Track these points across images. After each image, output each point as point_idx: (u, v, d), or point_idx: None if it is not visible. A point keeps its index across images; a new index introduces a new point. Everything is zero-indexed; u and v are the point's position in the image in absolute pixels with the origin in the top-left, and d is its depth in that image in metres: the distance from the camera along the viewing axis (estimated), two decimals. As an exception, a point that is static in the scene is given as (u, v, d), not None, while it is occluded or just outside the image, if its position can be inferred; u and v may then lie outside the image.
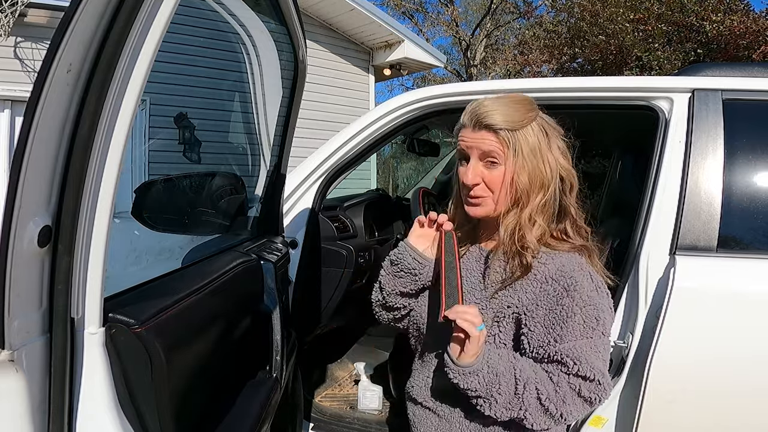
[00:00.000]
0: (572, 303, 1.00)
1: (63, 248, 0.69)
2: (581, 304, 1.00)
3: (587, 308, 1.00)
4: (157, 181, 1.39)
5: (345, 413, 2.08)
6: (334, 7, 6.91)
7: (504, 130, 1.02)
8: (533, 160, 1.03)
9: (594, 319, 1.01)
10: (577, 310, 1.00)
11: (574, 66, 10.65)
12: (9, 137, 5.09)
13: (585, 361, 0.99)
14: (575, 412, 1.02)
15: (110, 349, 0.77)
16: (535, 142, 1.03)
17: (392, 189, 10.19)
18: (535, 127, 1.04)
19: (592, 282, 1.03)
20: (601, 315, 1.02)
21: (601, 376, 1.00)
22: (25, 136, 0.62)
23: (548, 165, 1.04)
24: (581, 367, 0.99)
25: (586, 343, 1.00)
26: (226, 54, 1.92)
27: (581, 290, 1.01)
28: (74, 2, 0.62)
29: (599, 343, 1.02)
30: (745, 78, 1.60)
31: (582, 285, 1.01)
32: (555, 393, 1.00)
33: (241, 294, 1.24)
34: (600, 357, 1.01)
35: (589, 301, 1.01)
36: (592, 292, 1.02)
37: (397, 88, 18.22)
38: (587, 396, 1.00)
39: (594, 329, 1.01)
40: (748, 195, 1.51)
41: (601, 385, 1.00)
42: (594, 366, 0.99)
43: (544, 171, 1.04)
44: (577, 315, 1.00)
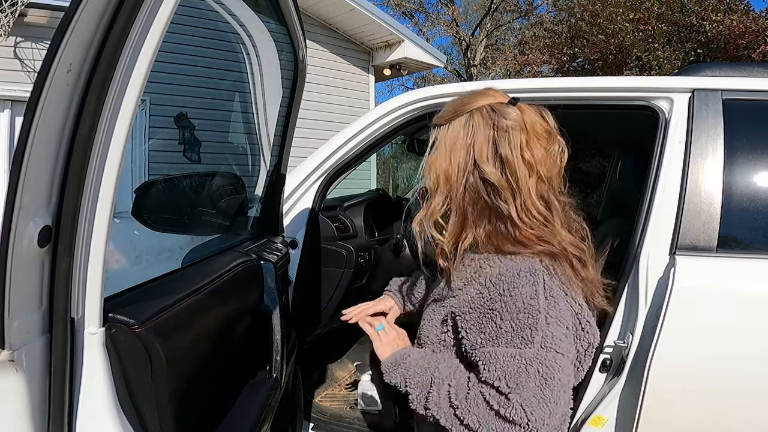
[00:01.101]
0: (503, 308, 0.92)
1: (63, 248, 0.69)
2: (513, 310, 0.91)
3: (520, 315, 0.90)
4: (157, 181, 1.40)
5: (345, 413, 2.08)
6: (334, 7, 6.91)
7: (436, 126, 1.02)
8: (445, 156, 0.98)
9: (528, 329, 0.90)
10: (506, 316, 0.91)
11: (574, 66, 10.65)
12: (9, 137, 5.09)
13: (496, 369, 0.90)
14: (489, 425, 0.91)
15: (110, 349, 0.77)
16: (451, 138, 0.99)
17: (392, 189, 10.19)
18: (461, 121, 0.99)
19: (535, 288, 0.92)
20: (540, 325, 0.90)
21: (513, 391, 0.88)
22: (25, 136, 0.62)
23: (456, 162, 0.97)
24: (489, 375, 0.90)
25: (509, 352, 0.90)
26: (226, 54, 1.92)
27: (517, 296, 0.91)
28: (74, 2, 0.62)
29: (529, 356, 0.89)
30: (745, 78, 1.60)
31: (520, 291, 0.91)
32: (465, 398, 0.93)
33: (241, 294, 1.24)
34: (524, 371, 0.88)
35: (523, 308, 0.91)
36: (532, 300, 0.91)
37: (397, 88, 18.25)
38: (498, 411, 0.89)
39: (525, 340, 0.90)
40: (748, 195, 1.51)
41: (510, 402, 0.88)
42: (507, 376, 0.89)
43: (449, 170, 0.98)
44: (506, 321, 0.91)
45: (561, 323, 0.93)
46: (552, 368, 0.89)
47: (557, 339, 0.91)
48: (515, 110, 0.97)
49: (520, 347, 0.90)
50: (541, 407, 0.88)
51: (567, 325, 0.95)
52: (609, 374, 1.49)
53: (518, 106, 0.99)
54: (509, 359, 0.89)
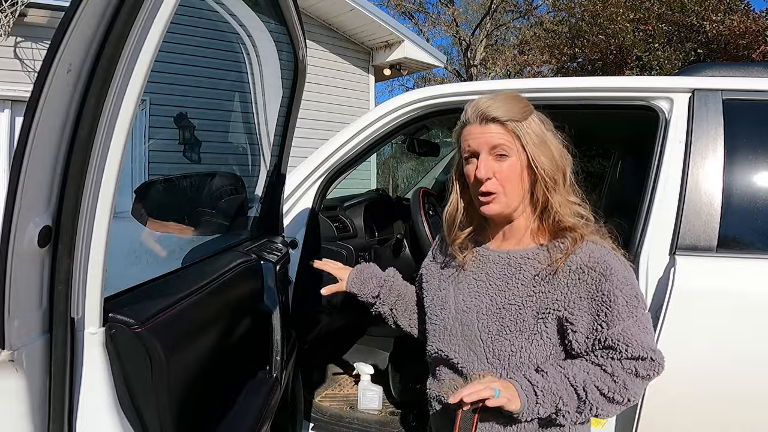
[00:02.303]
0: (612, 286, 1.01)
1: (63, 248, 0.69)
2: (620, 285, 1.01)
3: (626, 288, 1.01)
4: (157, 181, 1.40)
5: (345, 413, 2.08)
6: (334, 7, 6.91)
7: (511, 121, 1.05)
8: (544, 147, 1.06)
9: (634, 297, 1.02)
10: (617, 292, 1.01)
11: (574, 66, 10.65)
12: (9, 137, 5.09)
13: (635, 342, 1.00)
14: (638, 390, 1.04)
15: (110, 349, 0.77)
16: (540, 131, 1.07)
17: (392, 189, 10.19)
18: (536, 118, 1.08)
19: (620, 262, 1.05)
20: (639, 291, 1.05)
21: (652, 353, 1.01)
22: (25, 136, 0.62)
23: (557, 151, 1.08)
24: (633, 349, 1.00)
25: (633, 323, 1.01)
26: (226, 54, 1.92)
27: (616, 272, 1.02)
28: (74, 2, 0.62)
29: (644, 320, 1.03)
30: (745, 78, 1.60)
31: (616, 267, 1.02)
32: (614, 383, 1.01)
33: (241, 294, 1.24)
34: (648, 332, 1.03)
35: (626, 281, 1.02)
36: (626, 272, 1.04)
37: (397, 88, 18.25)
38: (644, 374, 1.01)
39: (636, 307, 1.02)
40: (748, 195, 1.51)
41: (654, 362, 1.01)
42: (644, 344, 1.01)
43: (556, 156, 1.07)
44: (619, 297, 1.00)
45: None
46: (650, 321, 1.06)
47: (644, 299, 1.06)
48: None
49: (636, 315, 1.02)
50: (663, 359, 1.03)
51: None
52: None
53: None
54: (636, 329, 1.01)
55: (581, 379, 1.01)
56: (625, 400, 1.02)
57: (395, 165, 11.20)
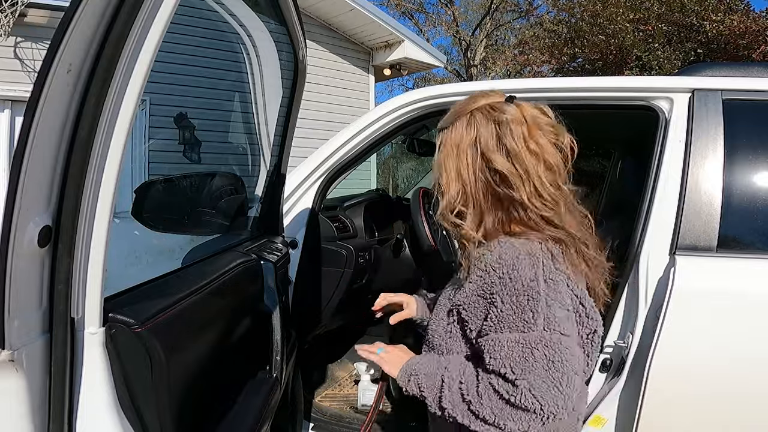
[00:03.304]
0: (503, 291, 0.92)
1: (63, 248, 0.69)
2: (513, 293, 0.91)
3: (520, 298, 0.90)
4: (157, 181, 1.39)
5: (345, 413, 2.08)
6: (334, 7, 6.91)
7: (442, 129, 1.07)
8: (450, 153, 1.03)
9: (529, 311, 0.90)
10: (507, 299, 0.91)
11: (574, 66, 10.65)
12: (9, 137, 5.09)
13: (500, 356, 0.90)
14: (502, 415, 0.91)
15: (110, 349, 0.77)
16: (456, 137, 1.03)
17: (392, 189, 10.19)
18: (464, 122, 1.03)
19: (535, 271, 0.92)
20: (541, 308, 0.90)
21: (517, 377, 0.88)
22: (25, 136, 0.62)
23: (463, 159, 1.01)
24: (495, 363, 0.91)
25: (512, 337, 0.90)
26: (226, 54, 1.92)
27: (516, 279, 0.91)
28: (74, 2, 0.62)
29: (533, 339, 0.89)
30: (745, 78, 1.60)
31: (520, 274, 0.91)
32: (476, 392, 0.94)
33: (241, 294, 1.24)
34: (529, 355, 0.88)
35: (523, 291, 0.91)
36: (532, 282, 0.91)
37: (397, 88, 18.25)
38: (509, 399, 0.89)
39: (528, 322, 0.90)
40: (748, 195, 1.51)
41: (518, 388, 0.88)
42: (513, 364, 0.89)
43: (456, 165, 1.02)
44: (507, 305, 0.91)
45: (563, 305, 0.93)
46: (557, 350, 0.89)
47: (560, 320, 0.91)
48: (512, 106, 1.02)
49: (523, 331, 0.90)
50: (551, 391, 0.87)
51: (568, 308, 0.95)
52: (609, 374, 1.49)
53: (515, 102, 1.03)
54: (513, 344, 0.90)
55: (452, 372, 0.99)
56: (483, 415, 0.92)
57: (395, 165, 11.20)
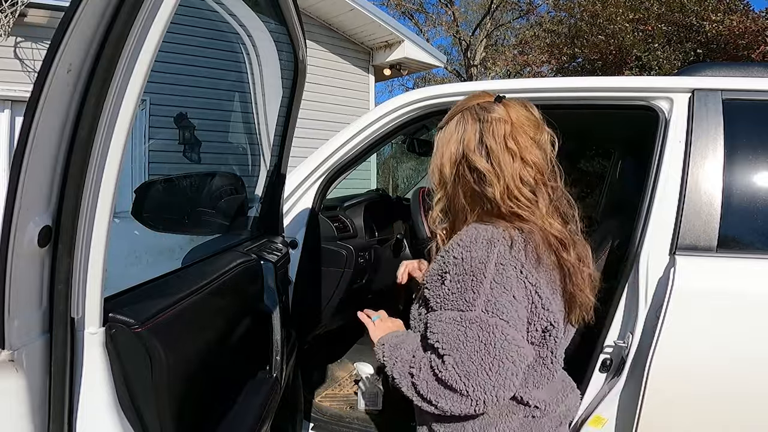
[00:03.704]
0: (454, 271, 0.93)
1: (63, 248, 0.69)
2: (461, 272, 0.92)
3: (466, 278, 0.92)
4: (157, 181, 1.39)
5: (345, 413, 2.08)
6: (334, 7, 6.91)
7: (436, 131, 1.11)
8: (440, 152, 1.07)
9: (471, 291, 0.91)
10: (455, 278, 0.93)
11: (573, 66, 10.65)
12: (9, 137, 5.09)
13: (438, 330, 0.92)
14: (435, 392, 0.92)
15: (110, 349, 0.77)
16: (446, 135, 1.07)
17: (392, 189, 10.19)
18: (455, 121, 1.07)
19: (488, 254, 0.92)
20: (483, 289, 0.91)
21: (447, 353, 0.89)
22: (25, 136, 0.62)
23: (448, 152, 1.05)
24: (432, 336, 0.93)
25: (451, 315, 0.92)
26: (226, 54, 1.92)
27: (467, 259, 0.93)
28: (74, 2, 0.62)
29: (470, 319, 0.89)
30: (745, 78, 1.60)
31: (472, 255, 0.93)
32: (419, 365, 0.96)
33: (241, 294, 1.24)
34: (465, 336, 0.89)
35: (470, 271, 0.91)
36: (480, 264, 0.92)
37: (397, 88, 18.24)
38: (437, 376, 0.90)
39: (468, 302, 0.91)
40: (748, 195, 1.51)
41: (445, 366, 0.89)
42: (445, 338, 0.90)
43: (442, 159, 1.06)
44: (453, 283, 0.93)
45: (507, 291, 0.92)
46: (494, 335, 0.88)
47: (502, 306, 0.90)
48: (500, 106, 1.05)
49: (462, 310, 0.91)
50: (479, 374, 0.87)
51: (514, 295, 0.93)
52: (609, 374, 1.49)
53: (504, 102, 1.06)
54: (450, 321, 0.91)
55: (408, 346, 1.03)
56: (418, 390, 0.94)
57: (395, 165, 11.20)
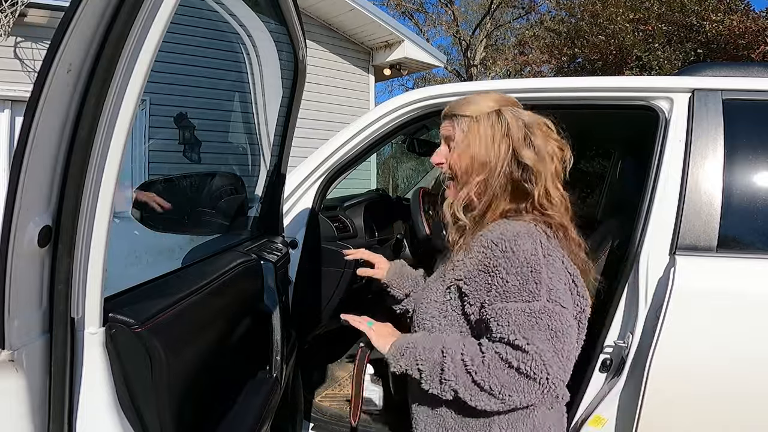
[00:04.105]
0: (508, 264, 0.96)
1: (63, 248, 0.69)
2: (517, 265, 0.95)
3: (524, 269, 0.95)
4: (157, 181, 1.39)
5: (345, 413, 2.08)
6: (334, 7, 6.91)
7: (456, 116, 1.12)
8: (478, 144, 1.08)
9: (534, 283, 0.94)
10: (511, 270, 0.96)
11: (573, 66, 10.65)
12: (9, 137, 5.09)
13: (509, 324, 0.93)
14: (510, 386, 0.92)
15: (110, 349, 0.77)
16: (486, 130, 1.09)
17: (392, 189, 10.19)
18: (494, 117, 1.09)
19: (535, 246, 0.98)
20: (543, 279, 0.95)
21: (529, 345, 0.90)
22: (25, 136, 0.62)
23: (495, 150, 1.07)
24: (504, 330, 0.93)
25: (519, 307, 0.93)
26: (226, 54, 1.92)
27: (519, 252, 0.96)
28: (74, 2, 0.62)
29: (537, 309, 0.93)
30: (745, 78, 1.60)
31: (522, 247, 0.97)
32: (482, 362, 0.94)
33: (241, 294, 1.24)
34: (536, 324, 0.92)
35: (527, 263, 0.95)
36: (533, 256, 0.96)
37: (397, 88, 18.24)
38: (516, 366, 0.91)
39: (533, 293, 0.94)
40: (748, 195, 1.51)
41: (530, 356, 0.90)
42: (523, 332, 0.92)
43: (489, 155, 1.07)
44: (511, 276, 0.95)
45: (561, 279, 0.99)
46: (560, 321, 0.93)
47: (560, 293, 0.96)
48: (529, 112, 1.13)
49: (528, 300, 0.94)
50: (556, 360, 0.91)
51: (565, 282, 1.00)
52: (609, 374, 1.49)
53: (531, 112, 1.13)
54: (519, 313, 0.93)
55: (452, 348, 1.00)
56: (488, 387, 0.93)
57: (395, 165, 11.20)
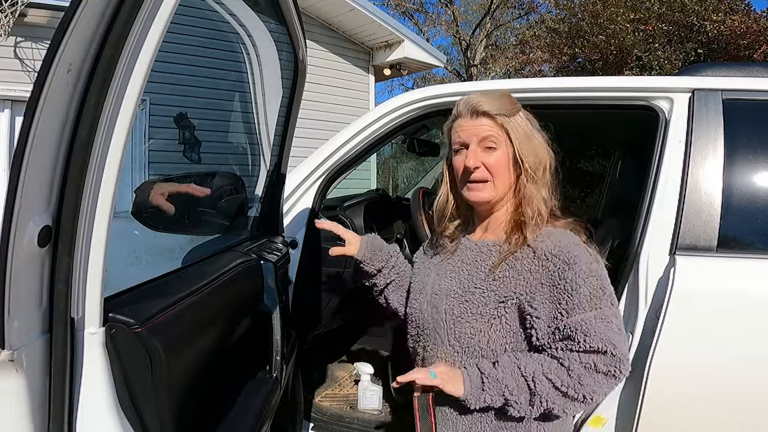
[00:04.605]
0: (575, 276, 1.00)
1: (63, 248, 0.69)
2: (583, 275, 1.00)
3: (590, 279, 1.01)
4: (157, 181, 1.39)
5: (345, 413, 2.08)
6: (334, 7, 6.91)
7: (500, 116, 1.10)
8: (530, 141, 1.10)
9: (599, 290, 1.01)
10: (580, 281, 1.00)
11: (574, 66, 10.64)
12: (9, 137, 5.09)
13: (594, 333, 0.98)
14: (598, 389, 1.00)
15: (110, 349, 0.77)
16: (525, 127, 1.12)
17: (392, 189, 10.19)
18: (522, 115, 1.13)
19: (589, 254, 1.05)
20: (606, 285, 1.03)
21: (613, 348, 0.98)
22: (25, 136, 0.62)
23: (541, 146, 1.12)
24: (591, 341, 0.98)
25: (595, 315, 0.99)
26: (226, 54, 1.92)
27: (581, 262, 1.01)
28: (74, 2, 0.62)
29: (609, 314, 1.00)
30: (745, 78, 1.60)
31: (581, 257, 1.02)
32: (569, 377, 0.99)
33: (241, 294, 1.24)
34: (611, 328, 1.00)
35: (591, 272, 1.01)
36: (593, 264, 1.03)
37: (397, 88, 18.24)
38: (605, 371, 0.99)
39: (601, 299, 1.00)
40: (748, 195, 1.51)
41: (615, 357, 0.98)
42: (605, 337, 0.98)
43: (540, 151, 1.11)
44: (582, 287, 1.00)
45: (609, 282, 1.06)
46: (621, 320, 1.04)
47: (613, 295, 1.05)
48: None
49: (600, 307, 1.00)
50: (625, 352, 1.01)
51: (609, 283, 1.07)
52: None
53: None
54: (599, 321, 0.99)
55: (532, 369, 1.01)
56: (581, 396, 1.00)
57: (395, 165, 11.20)
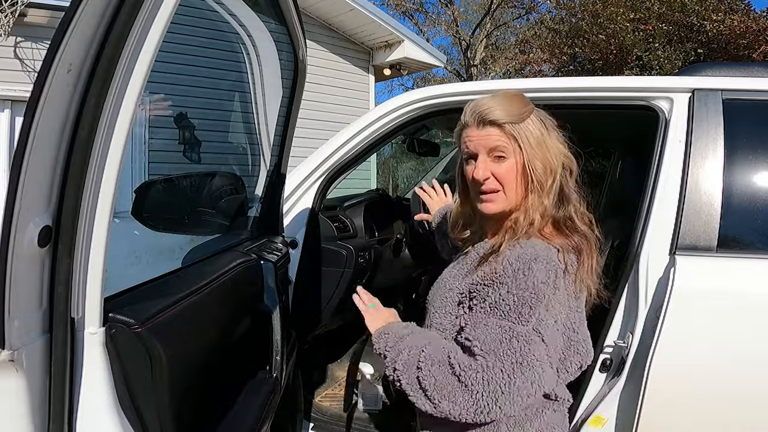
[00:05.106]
0: (513, 283, 0.95)
1: (63, 248, 0.69)
2: (522, 288, 0.94)
3: (526, 294, 0.93)
4: (157, 181, 1.39)
5: (345, 413, 2.08)
6: (334, 6, 6.91)
7: (508, 124, 1.04)
8: (541, 148, 1.05)
9: (528, 307, 0.93)
10: (513, 290, 0.94)
11: (574, 66, 10.65)
12: (9, 137, 5.09)
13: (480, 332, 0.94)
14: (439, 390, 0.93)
15: (110, 349, 0.77)
16: (537, 133, 1.05)
17: (392, 189, 10.19)
18: (534, 118, 1.06)
19: (548, 276, 0.96)
20: (540, 309, 0.94)
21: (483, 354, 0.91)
22: (25, 136, 0.62)
23: (552, 152, 1.06)
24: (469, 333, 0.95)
25: (500, 323, 0.94)
26: (226, 54, 1.92)
27: (530, 276, 0.94)
28: (74, 2, 0.62)
29: (519, 331, 0.92)
30: (745, 78, 1.60)
31: (534, 274, 0.94)
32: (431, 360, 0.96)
33: (241, 294, 1.24)
34: (508, 345, 0.91)
35: (532, 288, 0.94)
36: (542, 284, 0.94)
37: (397, 88, 18.22)
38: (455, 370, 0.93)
39: (522, 316, 0.93)
40: (748, 195, 1.51)
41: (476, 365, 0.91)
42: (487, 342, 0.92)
43: (551, 158, 1.05)
44: (511, 295, 0.94)
45: (556, 318, 0.98)
46: (532, 352, 0.92)
47: (548, 328, 0.96)
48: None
49: (514, 322, 0.94)
50: (502, 383, 0.91)
51: (557, 320, 0.99)
52: (609, 374, 1.49)
53: None
54: (497, 328, 0.94)
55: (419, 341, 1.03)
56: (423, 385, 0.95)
57: (395, 165, 11.20)
